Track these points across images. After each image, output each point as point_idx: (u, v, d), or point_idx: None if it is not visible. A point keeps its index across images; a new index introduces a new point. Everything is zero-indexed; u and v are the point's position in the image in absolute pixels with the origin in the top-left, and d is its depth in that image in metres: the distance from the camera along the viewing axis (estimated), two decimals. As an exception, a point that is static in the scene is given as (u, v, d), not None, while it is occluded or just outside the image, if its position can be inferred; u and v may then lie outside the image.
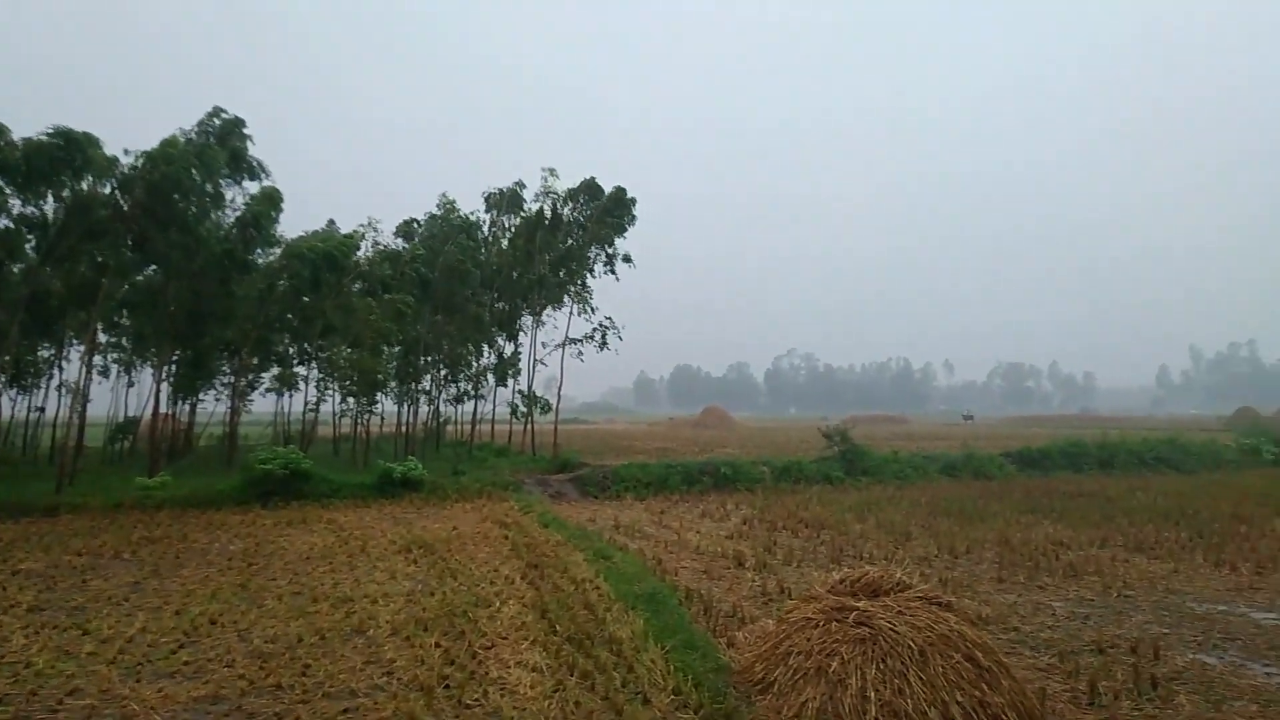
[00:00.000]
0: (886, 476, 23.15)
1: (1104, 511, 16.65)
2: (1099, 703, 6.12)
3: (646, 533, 14.44)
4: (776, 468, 22.96)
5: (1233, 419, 61.63)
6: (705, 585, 10.18)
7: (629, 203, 28.49)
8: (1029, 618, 8.72)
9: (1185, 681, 6.63)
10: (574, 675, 6.54)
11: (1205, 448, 29.85)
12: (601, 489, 20.54)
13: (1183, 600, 9.52)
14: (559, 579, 10.04)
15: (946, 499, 18.64)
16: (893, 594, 5.93)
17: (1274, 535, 13.82)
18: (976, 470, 24.59)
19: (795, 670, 5.63)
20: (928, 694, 5.10)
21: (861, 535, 13.94)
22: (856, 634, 5.54)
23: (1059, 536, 13.75)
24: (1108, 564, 11.53)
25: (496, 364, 29.99)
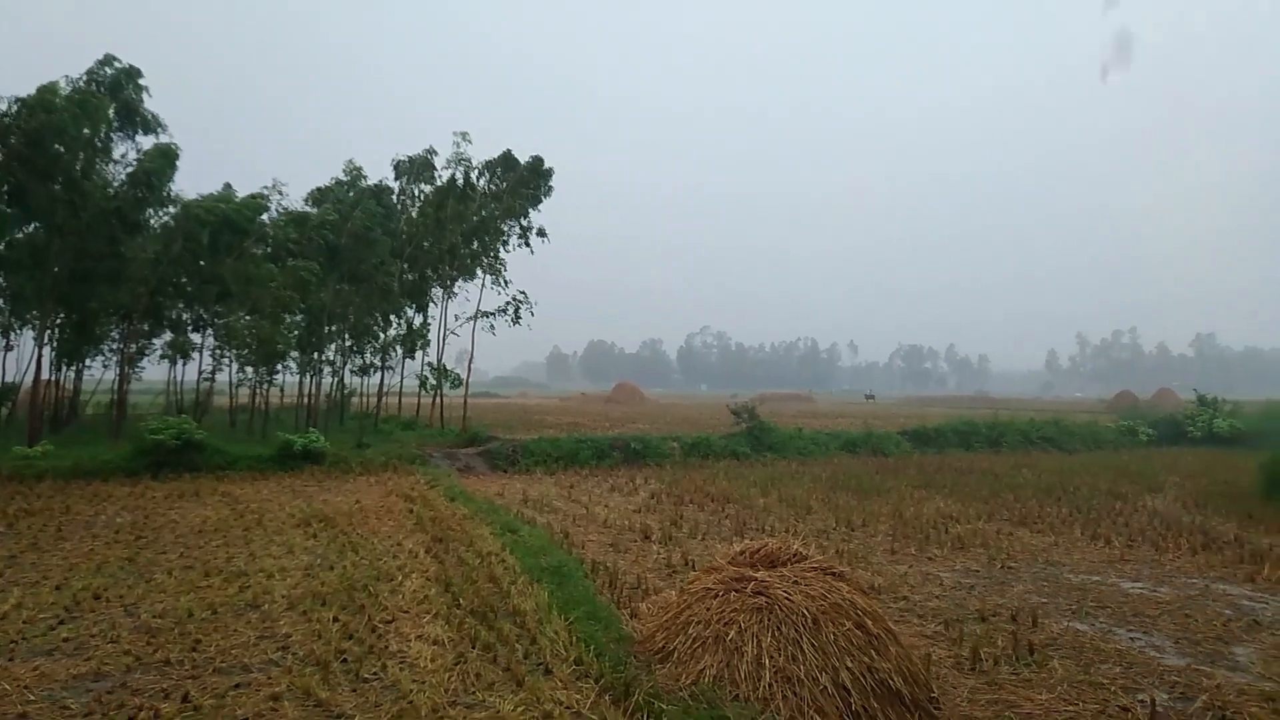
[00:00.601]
0: (791, 453, 23.80)
1: (992, 487, 17.54)
2: (980, 668, 6.47)
3: (555, 506, 14.47)
4: (686, 443, 23.31)
5: (1113, 402, 65.56)
6: (612, 558, 10.30)
7: (545, 173, 28.14)
8: (918, 587, 9.15)
9: (1059, 647, 7.07)
10: (476, 648, 6.53)
11: (1086, 429, 31.69)
12: (511, 463, 20.45)
13: (1060, 571, 10.12)
14: (464, 552, 9.98)
15: (846, 474, 19.29)
16: (790, 565, 6.11)
17: (1145, 511, 14.82)
18: (875, 447, 25.51)
19: (694, 639, 5.76)
20: (819, 660, 5.30)
21: (765, 509, 14.31)
22: (754, 603, 5.69)
23: (949, 511, 14.42)
24: (993, 537, 12.17)
25: (405, 335, 29.35)
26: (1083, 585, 9.40)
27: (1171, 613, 8.23)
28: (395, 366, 30.20)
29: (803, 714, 5.03)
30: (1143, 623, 7.91)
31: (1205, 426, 32.39)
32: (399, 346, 29.46)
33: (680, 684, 5.47)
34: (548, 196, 28.51)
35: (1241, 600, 8.81)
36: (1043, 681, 6.19)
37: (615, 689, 5.55)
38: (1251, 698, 5.88)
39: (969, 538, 11.98)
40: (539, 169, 27.96)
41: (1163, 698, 5.86)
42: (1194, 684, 6.15)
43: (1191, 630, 7.64)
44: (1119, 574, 10.03)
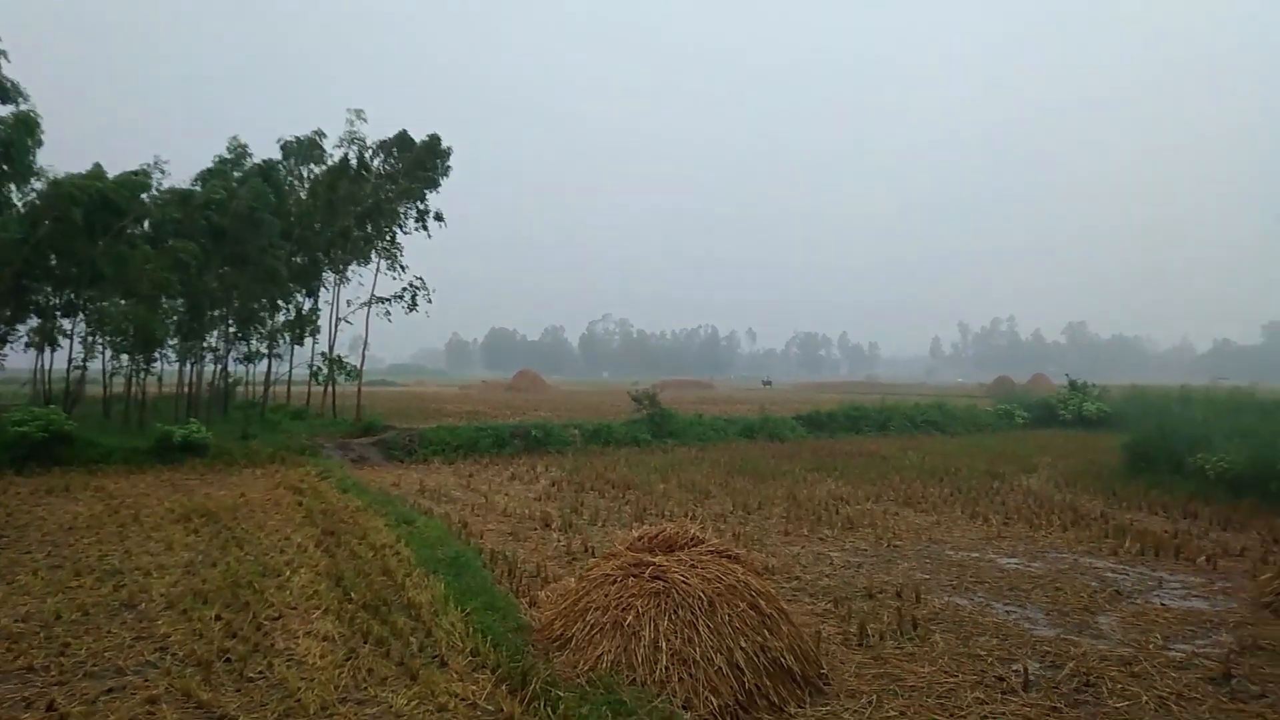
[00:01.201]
0: (690, 439, 24.12)
1: (879, 469, 18.24)
2: (867, 643, 6.72)
3: (453, 496, 14.24)
4: (587, 430, 23.30)
5: (991, 387, 69.03)
6: (511, 547, 10.21)
7: (443, 153, 27.36)
8: (810, 567, 9.43)
9: (941, 621, 7.41)
10: (368, 642, 6.36)
11: (967, 412, 33.30)
12: (408, 453, 19.99)
13: (942, 549, 10.62)
14: (357, 545, 9.70)
15: (743, 459, 19.69)
16: (687, 549, 6.20)
17: (1020, 490, 15.70)
18: (771, 432, 26.13)
19: (593, 625, 5.77)
20: (715, 641, 5.39)
21: (664, 494, 14.46)
22: (652, 588, 5.74)
23: (840, 493, 14.92)
24: (880, 517, 12.65)
25: (294, 321, 28.18)
26: (962, 562, 9.88)
27: (1043, 586, 8.74)
28: (284, 354, 29.02)
29: (698, 695, 5.11)
30: (1017, 596, 8.37)
31: (1075, 410, 34.49)
32: (287, 333, 28.27)
33: (578, 671, 5.47)
34: (445, 177, 27.74)
35: (1106, 572, 9.44)
36: (925, 654, 6.48)
37: (512, 679, 5.51)
38: (1112, 663, 6.30)
39: (858, 518, 12.42)
40: (435, 149, 27.14)
41: (1034, 667, 6.22)
42: (1063, 653, 6.55)
43: (1061, 602, 8.13)
44: (996, 550, 10.59)
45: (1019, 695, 5.67)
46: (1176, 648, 6.76)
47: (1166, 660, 6.38)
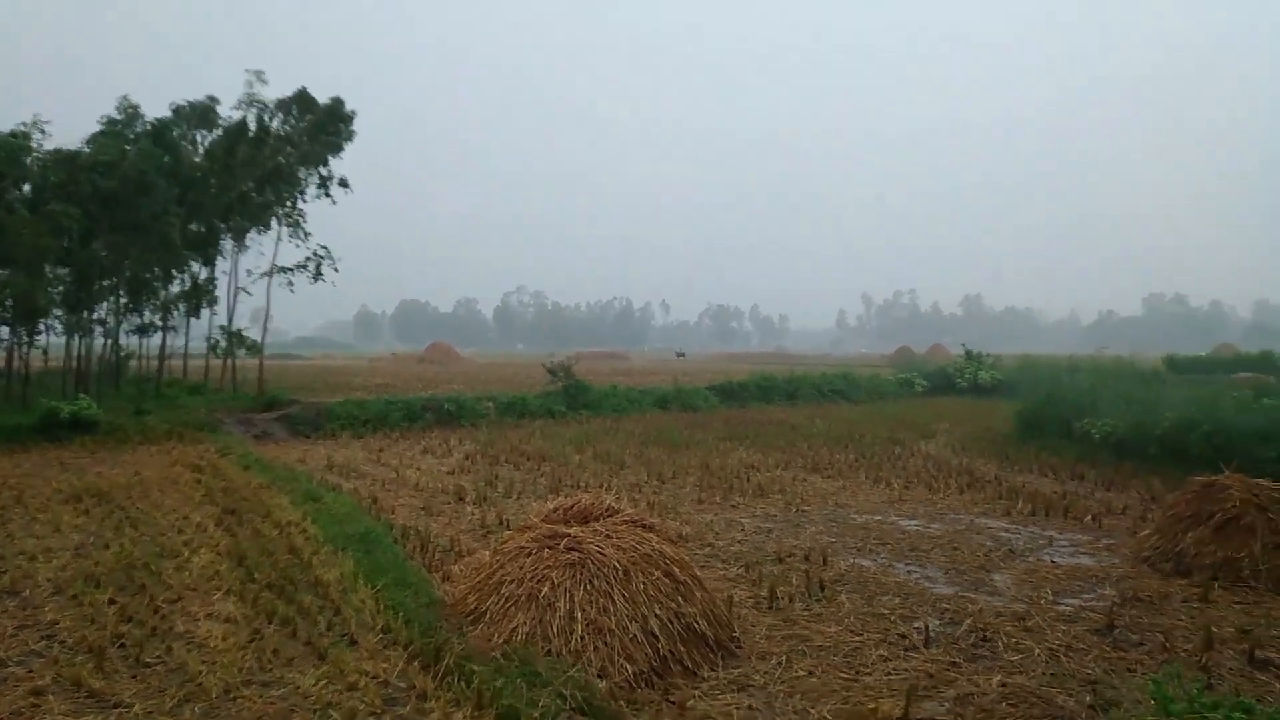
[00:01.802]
0: (606, 410, 24.15)
1: (788, 437, 18.67)
2: (777, 606, 6.89)
3: (363, 471, 13.91)
4: (502, 403, 23.07)
5: (893, 357, 71.36)
6: (423, 521, 10.05)
7: (346, 117, 26.25)
8: (722, 534, 9.60)
9: (846, 582, 7.66)
10: (273, 623, 6.17)
11: (871, 381, 34.35)
12: (314, 428, 19.39)
13: (848, 513, 10.96)
14: (260, 524, 9.38)
15: (658, 429, 19.85)
16: (602, 519, 6.21)
17: (920, 455, 16.31)
18: (685, 403, 26.42)
19: (507, 598, 5.74)
20: (630, 610, 5.44)
21: (580, 466, 14.47)
22: (567, 559, 5.74)
23: (751, 461, 15.22)
24: (789, 483, 12.97)
25: (190, 291, 26.83)
26: (867, 525, 10.23)
27: (942, 546, 9.13)
28: (179, 327, 27.63)
29: (613, 663, 5.15)
30: (918, 556, 8.73)
31: (971, 378, 36.00)
32: (183, 304, 26.90)
33: (493, 644, 5.44)
34: (349, 142, 26.65)
35: (1000, 532, 9.92)
36: (832, 615, 6.69)
37: (425, 654, 5.43)
38: (1007, 618, 6.64)
39: (768, 485, 12.70)
40: (339, 112, 25.96)
41: (935, 624, 6.50)
42: (961, 609, 6.86)
43: (959, 561, 8.51)
44: (898, 513, 10.99)
45: (920, 651, 5.92)
46: (1065, 602, 7.17)
47: (1056, 614, 6.76)
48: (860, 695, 5.16)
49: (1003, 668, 5.63)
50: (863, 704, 5.00)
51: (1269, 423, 12.96)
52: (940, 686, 5.34)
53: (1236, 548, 7.65)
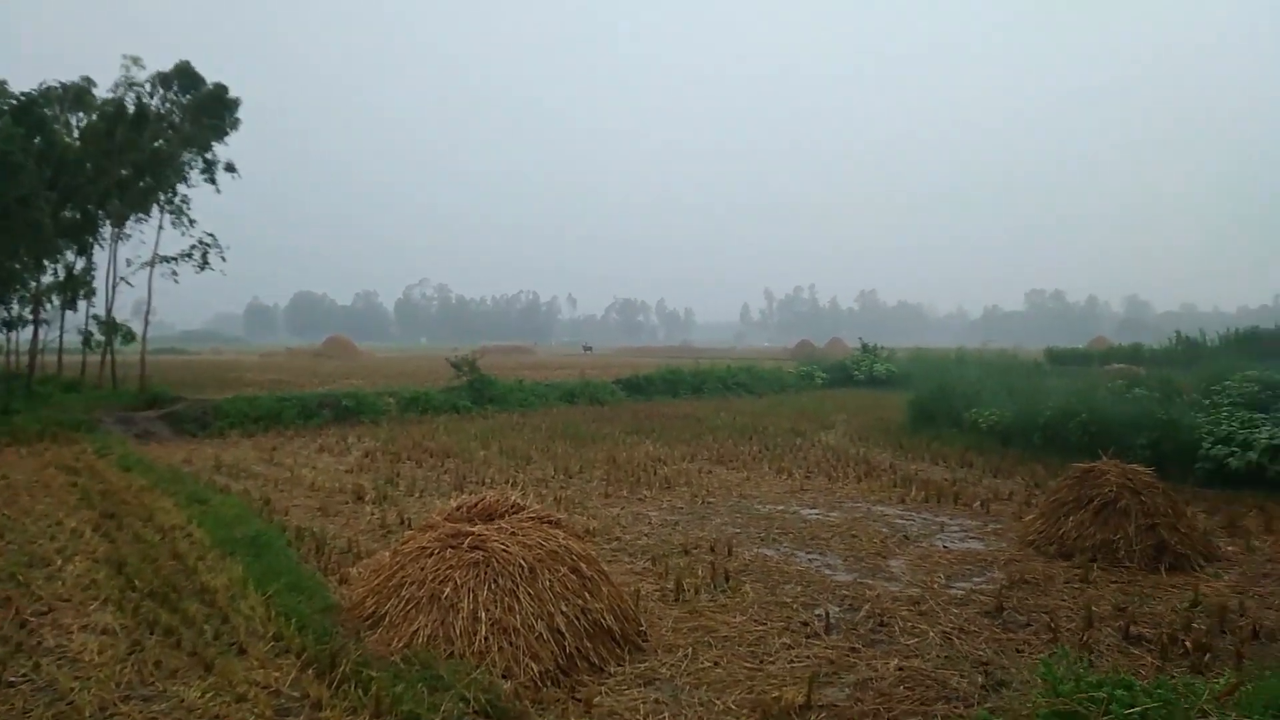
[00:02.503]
0: (512, 404, 23.88)
1: (694, 430, 18.87)
2: (683, 598, 6.92)
3: (254, 471, 13.31)
4: (403, 398, 22.50)
5: (795, 350, 73.16)
6: (319, 523, 9.68)
7: (230, 104, 24.98)
8: (629, 527, 9.60)
9: (750, 572, 7.76)
10: (155, 634, 5.81)
11: (773, 374, 35.07)
12: (201, 426, 18.45)
13: (752, 503, 11.12)
14: (141, 528, 8.84)
15: (565, 424, 19.74)
16: (508, 516, 6.09)
17: (820, 446, 16.73)
18: (592, 396, 26.38)
19: (408, 600, 5.56)
20: (536, 608, 5.35)
21: (485, 461, 14.24)
22: (471, 558, 5.60)
23: (657, 454, 15.29)
24: (695, 475, 13.08)
25: (64, 282, 25.10)
26: (770, 515, 10.40)
27: (841, 534, 9.37)
28: (52, 319, 25.81)
29: (518, 663, 5.06)
30: (819, 545, 8.92)
31: (867, 370, 37.22)
32: (56, 296, 25.14)
33: (392, 649, 5.26)
34: (234, 130, 25.36)
35: (895, 519, 10.25)
36: (737, 605, 6.76)
37: (320, 661, 5.21)
38: (903, 603, 6.86)
39: (675, 478, 12.78)
40: (221, 98, 24.61)
41: (835, 610, 6.65)
42: (860, 596, 7.04)
43: (857, 549, 8.75)
44: (799, 502, 11.23)
45: (822, 638, 6.04)
46: (957, 585, 7.45)
47: (949, 598, 7.02)
48: (764, 684, 5.22)
49: (899, 651, 5.79)
50: (767, 693, 5.05)
51: (1140, 412, 13.83)
52: (841, 672, 5.46)
53: (1113, 530, 8.11)
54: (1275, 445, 11.43)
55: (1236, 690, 3.63)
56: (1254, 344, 30.00)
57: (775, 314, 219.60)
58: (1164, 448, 12.55)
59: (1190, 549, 8.02)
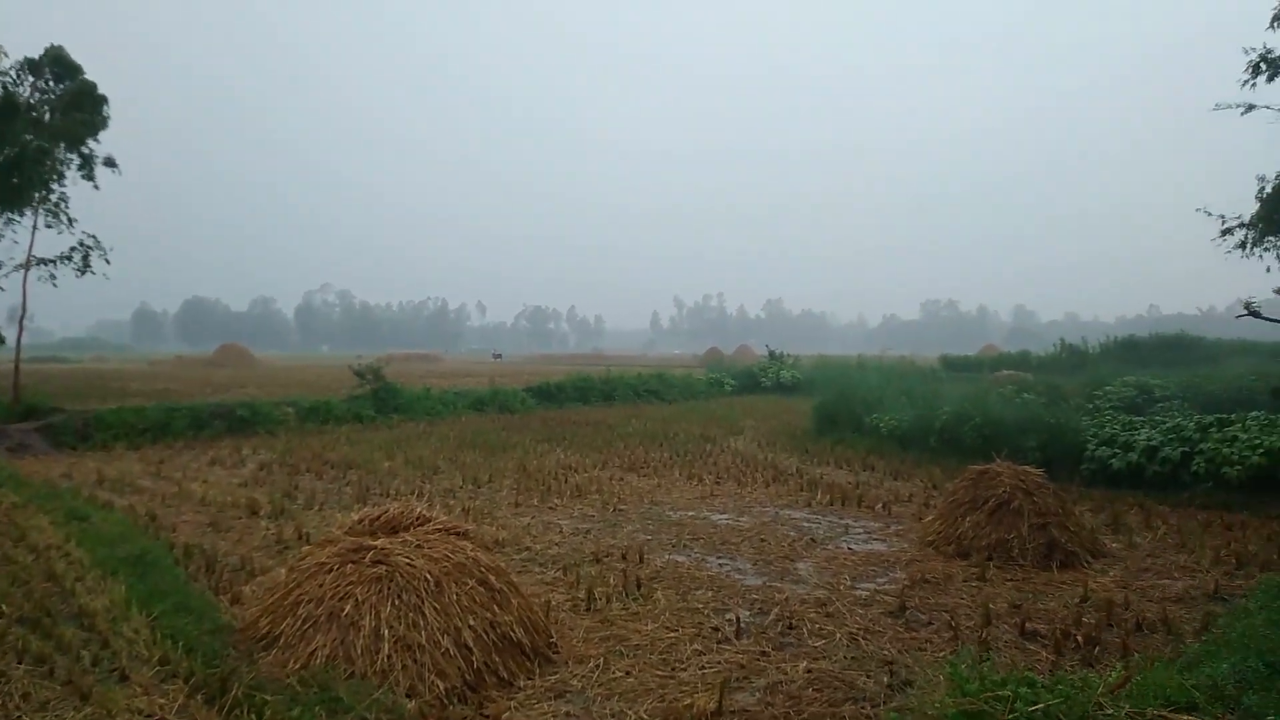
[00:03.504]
0: (419, 413, 23.32)
1: (605, 437, 18.82)
2: (594, 607, 6.85)
3: (140, 486, 12.57)
4: (303, 408, 21.68)
5: (704, 357, 74.04)
6: (210, 539, 9.19)
7: (98, 100, 23.42)
8: (540, 536, 9.46)
9: (662, 579, 7.74)
10: (23, 663, 5.37)
11: (683, 381, 35.39)
12: (82, 438, 17.34)
13: (663, 510, 11.14)
14: (12, 549, 8.18)
15: (474, 432, 19.41)
16: (412, 529, 5.90)
17: (730, 451, 16.94)
18: (502, 405, 26.03)
19: (305, 619, 5.31)
20: (442, 623, 5.19)
21: (390, 472, 13.84)
22: (373, 573, 5.39)
23: (568, 462, 15.18)
24: (607, 483, 13.03)
25: (-77, 285, 23.21)
26: (681, 521, 10.44)
27: (751, 539, 9.47)
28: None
29: (423, 680, 4.89)
30: (729, 549, 8.99)
31: (774, 377, 37.99)
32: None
33: (288, 670, 5.01)
34: (104, 129, 23.82)
35: (803, 522, 10.44)
36: (649, 613, 6.73)
37: (210, 686, 4.91)
38: (810, 605, 6.96)
39: (586, 485, 12.70)
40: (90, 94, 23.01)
41: (745, 615, 6.69)
42: (769, 599, 7.12)
43: (766, 552, 8.85)
44: (710, 508, 11.31)
45: (732, 643, 6.07)
46: (862, 586, 7.62)
47: (855, 599, 7.17)
48: (676, 692, 5.20)
49: (808, 654, 5.87)
50: (679, 700, 5.03)
51: (1029, 415, 14.51)
52: (751, 676, 5.48)
53: (1007, 529, 8.45)
54: (1153, 446, 12.17)
55: (1128, 682, 3.80)
56: (1132, 351, 32.06)
57: (685, 321, 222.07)
58: (1052, 449, 13.20)
59: (1079, 546, 8.42)
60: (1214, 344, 33.45)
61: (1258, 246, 18.13)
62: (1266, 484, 10.77)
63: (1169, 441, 12.14)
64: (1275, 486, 10.76)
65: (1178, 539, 9.37)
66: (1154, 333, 35.78)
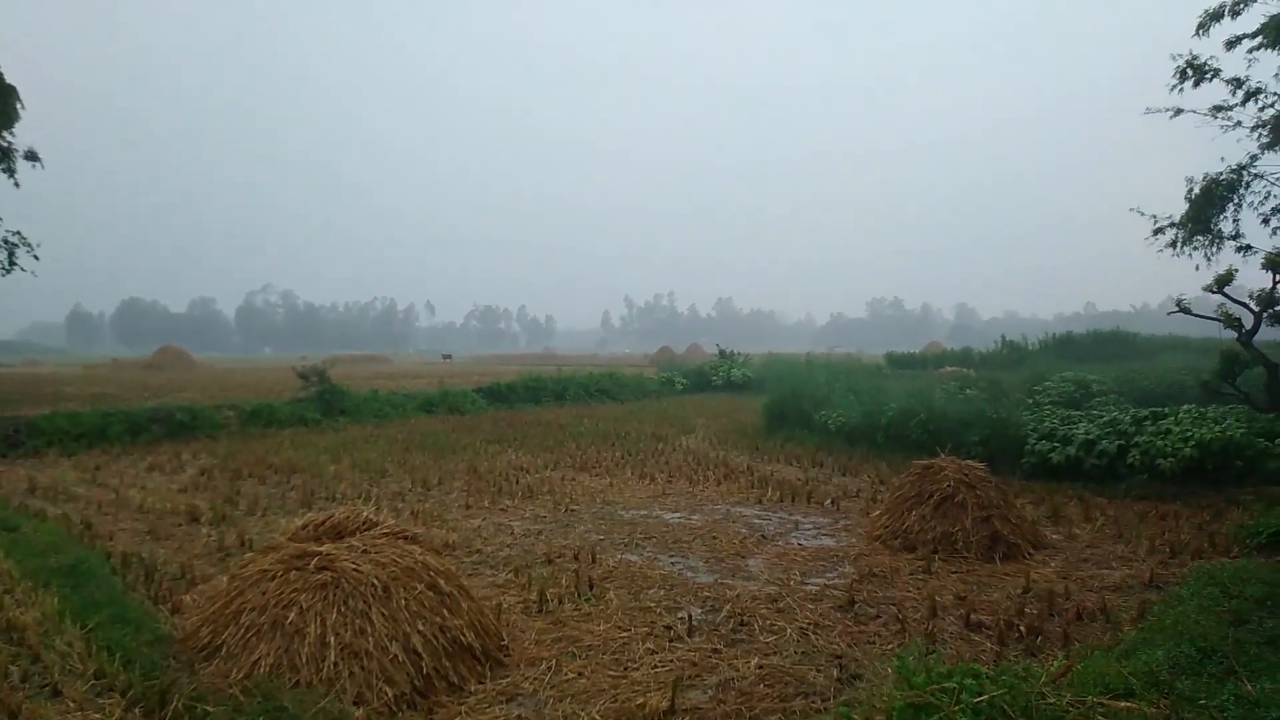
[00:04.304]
0: (366, 416, 22.94)
1: (557, 437, 18.74)
2: (547, 608, 6.80)
3: (74, 494, 12.14)
4: (245, 411, 21.14)
5: (656, 356, 74.32)
6: (149, 547, 8.92)
7: (6, 91, 22.47)
8: (491, 539, 9.38)
9: (614, 579, 7.72)
10: (-52, 682, 5.15)
11: (635, 380, 35.43)
12: (12, 445, 16.67)
13: (615, 509, 11.12)
14: (-66, 563, 7.85)
15: (423, 434, 19.16)
16: (359, 533, 5.79)
17: (681, 450, 16.99)
18: (451, 406, 25.75)
19: (248, 628, 5.18)
20: (390, 628, 5.10)
21: (336, 476, 13.58)
22: (318, 579, 5.28)
23: (520, 462, 15.08)
24: (559, 483, 12.97)
25: None
26: (633, 520, 10.44)
27: (703, 536, 9.51)
28: None
29: (371, 688, 4.81)
30: (681, 548, 9.02)
31: (725, 375, 38.23)
32: None
33: (230, 680, 4.88)
34: (17, 120, 22.83)
35: (753, 519, 10.52)
36: (601, 613, 6.71)
37: (148, 699, 4.76)
38: (762, 601, 7.01)
39: (538, 486, 12.63)
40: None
41: (697, 612, 6.72)
42: (720, 596, 7.15)
43: (718, 550, 8.90)
44: (662, 507, 11.33)
45: (685, 641, 6.08)
46: (812, 582, 7.70)
47: (805, 594, 7.24)
48: (628, 691, 5.19)
49: (759, 650, 5.91)
50: (631, 700, 5.03)
51: (972, 411, 14.83)
52: (703, 674, 5.50)
53: (952, 522, 8.63)
54: (1090, 440, 12.53)
55: (1069, 671, 3.90)
56: (1069, 347, 32.99)
57: (636, 321, 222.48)
58: (994, 444, 13.52)
59: (1021, 538, 8.63)
60: (1148, 340, 34.60)
61: (1187, 245, 18.87)
62: (1198, 475, 11.16)
63: (1106, 435, 12.51)
64: (1206, 477, 11.16)
65: (1115, 529, 9.66)
66: (1091, 329, 36.84)
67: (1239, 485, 11.05)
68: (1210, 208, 18.54)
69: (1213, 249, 18.89)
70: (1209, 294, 16.84)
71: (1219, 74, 18.20)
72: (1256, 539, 8.33)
